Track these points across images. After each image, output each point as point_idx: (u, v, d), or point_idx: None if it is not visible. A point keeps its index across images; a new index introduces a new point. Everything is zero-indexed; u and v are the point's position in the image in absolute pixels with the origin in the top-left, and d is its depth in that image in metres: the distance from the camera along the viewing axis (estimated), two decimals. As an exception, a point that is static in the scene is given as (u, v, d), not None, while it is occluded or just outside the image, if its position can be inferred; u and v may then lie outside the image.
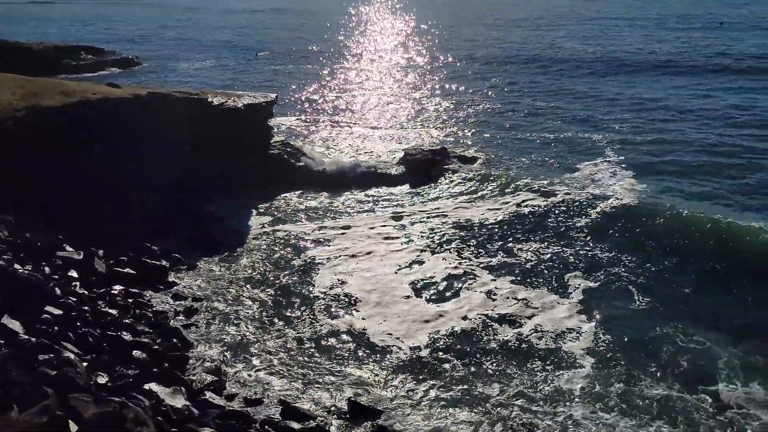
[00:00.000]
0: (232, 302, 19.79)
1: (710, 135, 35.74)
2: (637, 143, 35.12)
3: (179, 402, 13.46)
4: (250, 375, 16.07)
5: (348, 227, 26.02)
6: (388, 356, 17.17)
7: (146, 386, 13.63)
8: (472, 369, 16.56)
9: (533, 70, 60.82)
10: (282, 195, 29.77)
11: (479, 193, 29.23)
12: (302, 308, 19.67)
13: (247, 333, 18.02)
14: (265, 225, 26.41)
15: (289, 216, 27.43)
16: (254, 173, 30.19)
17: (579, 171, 31.33)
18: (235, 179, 29.10)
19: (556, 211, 26.29)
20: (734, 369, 16.01)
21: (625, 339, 17.63)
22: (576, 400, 15.13)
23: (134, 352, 15.26)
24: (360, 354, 17.29)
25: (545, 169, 31.84)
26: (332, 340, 17.94)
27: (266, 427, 13.65)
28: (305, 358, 16.93)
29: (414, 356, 17.13)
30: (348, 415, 14.44)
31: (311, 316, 19.19)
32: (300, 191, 30.28)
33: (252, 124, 30.40)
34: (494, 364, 16.72)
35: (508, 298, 20.12)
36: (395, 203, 28.72)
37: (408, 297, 20.40)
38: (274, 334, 18.04)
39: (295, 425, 13.54)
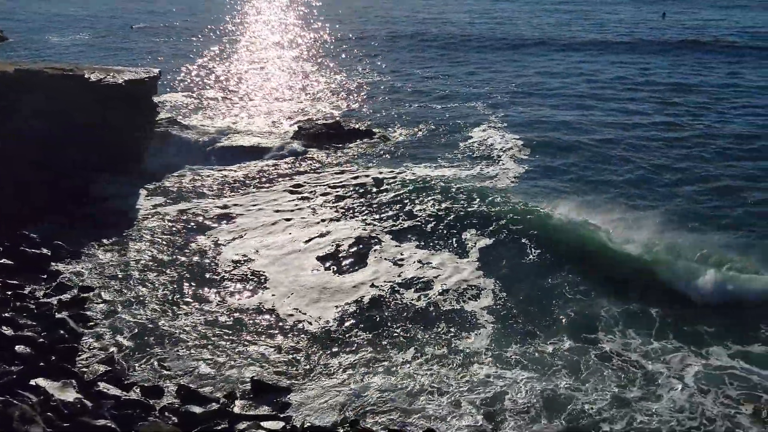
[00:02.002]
0: (126, 288, 18.90)
1: (590, 112, 37.77)
2: (519, 112, 36.53)
3: (70, 395, 12.77)
4: (148, 362, 15.48)
5: (246, 203, 25.43)
6: (297, 332, 17.07)
7: (33, 382, 12.87)
8: (383, 337, 16.82)
9: (423, 45, 61.42)
10: (172, 173, 28.64)
11: (375, 164, 29.36)
12: (206, 289, 19.11)
13: (144, 319, 17.29)
14: (157, 204, 25.33)
15: (182, 194, 26.43)
16: (140, 151, 28.85)
17: (468, 138, 32.17)
18: (120, 158, 27.68)
19: (449, 176, 26.89)
20: (615, 319, 17.19)
21: (520, 296, 18.54)
22: (481, 359, 15.72)
23: (17, 347, 14.33)
24: (268, 332, 17.07)
25: (436, 138, 32.46)
26: (239, 320, 17.58)
27: (166, 413, 13.25)
28: (209, 341, 16.50)
29: (324, 329, 17.14)
30: (251, 395, 14.26)
31: (217, 297, 18.70)
32: (191, 168, 29.25)
33: (135, 101, 28.90)
34: (403, 330, 17.06)
35: (413, 262, 20.51)
36: (293, 176, 28.33)
37: (315, 269, 20.33)
38: (175, 319, 17.43)
39: (197, 409, 13.20)
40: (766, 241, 20.42)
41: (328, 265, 20.59)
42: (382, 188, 26.22)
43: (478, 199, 24.40)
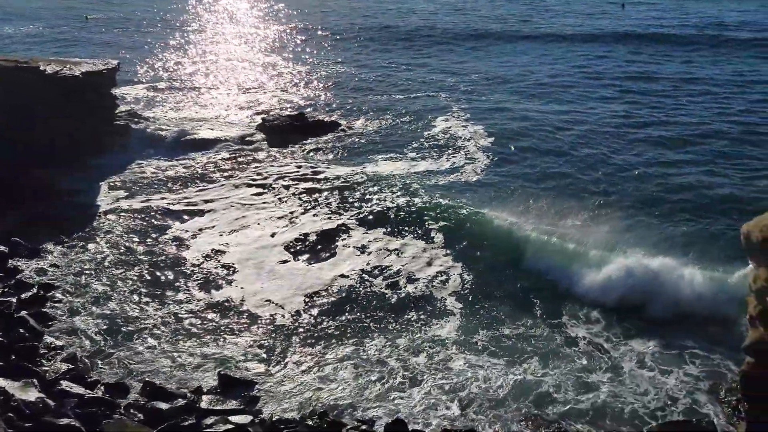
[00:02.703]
0: (89, 285, 18.55)
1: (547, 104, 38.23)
2: (481, 102, 36.72)
3: (32, 395, 12.46)
4: (113, 360, 15.25)
5: (211, 196, 25.13)
6: (267, 324, 17.00)
7: (-8, 382, 12.52)
8: (354, 327, 16.87)
9: (387, 37, 61.12)
10: (133, 166, 28.16)
11: (339, 156, 29.26)
12: (173, 284, 18.88)
13: (109, 316, 17.00)
14: (119, 198, 24.87)
15: (144, 187, 25.99)
16: (100, 145, 28.29)
17: (431, 129, 32.23)
18: (79, 152, 27.13)
19: (412, 169, 26.94)
20: (580, 304, 17.49)
21: (484, 279, 18.81)
22: (451, 347, 15.86)
23: (-26, 347, 13.94)
24: (237, 325, 16.97)
25: (400, 129, 32.43)
26: (208, 314, 17.43)
27: (132, 410, 13.04)
28: (176, 336, 16.33)
29: (294, 321, 17.11)
30: (219, 389, 14.13)
31: (185, 291, 18.47)
32: (153, 161, 28.81)
33: (93, 93, 28.27)
34: (374, 321, 17.14)
35: (380, 250, 20.57)
36: (257, 169, 28.04)
37: (285, 261, 20.23)
38: (141, 315, 17.18)
39: (163, 405, 13.03)
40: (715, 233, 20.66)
41: (296, 256, 20.52)
42: (346, 180, 26.13)
43: (440, 191, 24.49)
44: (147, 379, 14.29)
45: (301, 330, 16.79)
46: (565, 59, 47.79)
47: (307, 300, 18.09)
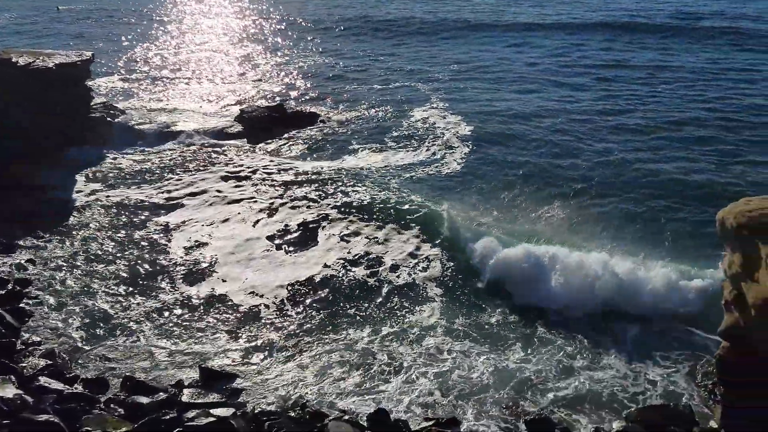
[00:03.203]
0: (67, 279, 18.31)
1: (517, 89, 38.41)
2: (459, 92, 36.77)
3: (9, 391, 12.30)
4: (92, 355, 15.09)
5: (190, 188, 24.90)
6: (250, 316, 16.96)
7: (-32, 380, 12.34)
8: (335, 317, 16.93)
9: (366, 28, 60.83)
10: (110, 159, 27.83)
11: (318, 147, 29.14)
12: (156, 278, 18.71)
13: (88, 311, 16.81)
14: (96, 191, 24.54)
15: (122, 180, 25.67)
16: (76, 138, 27.94)
17: (410, 119, 32.20)
18: (54, 145, 26.75)
19: (390, 159, 26.95)
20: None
21: (463, 267, 18.94)
22: (433, 334, 16.01)
23: (-51, 344, 13.72)
24: (220, 317, 16.88)
25: (378, 120, 32.38)
26: (190, 307, 17.32)
27: (112, 405, 12.93)
28: (157, 330, 16.20)
29: (277, 312, 17.08)
30: (200, 383, 14.06)
31: (168, 285, 18.32)
32: (130, 153, 28.47)
33: (67, 86, 27.82)
34: (357, 309, 17.21)
35: (361, 240, 20.60)
36: (236, 161, 27.85)
37: (267, 251, 20.18)
38: (121, 309, 17.00)
39: (144, 400, 12.93)
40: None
41: (278, 247, 20.47)
42: (326, 172, 26.07)
43: (419, 182, 24.61)
44: (127, 374, 14.18)
45: (284, 321, 16.77)
46: (543, 48, 48.00)
47: (290, 291, 18.06)
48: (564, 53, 45.86)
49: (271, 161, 27.77)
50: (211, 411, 12.57)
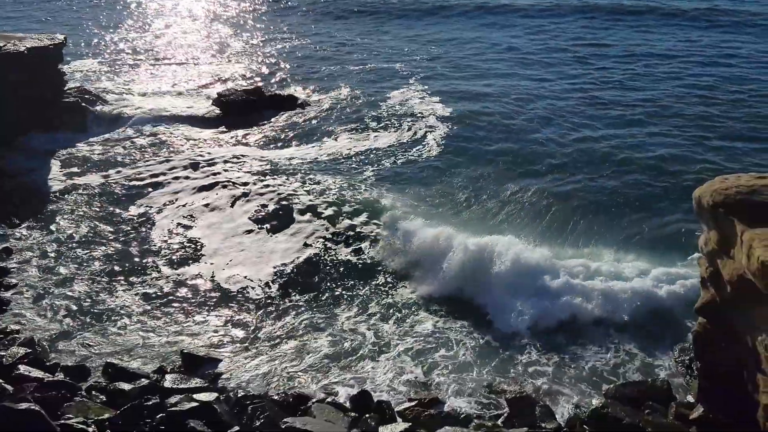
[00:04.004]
0: (45, 267, 18.09)
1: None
2: (438, 76, 36.60)
3: (-12, 381, 12.21)
4: (73, 342, 15.00)
5: (168, 171, 24.66)
6: (236, 299, 16.93)
7: (-55, 370, 12.21)
8: (319, 296, 17.04)
9: (343, 9, 60.19)
10: (85, 144, 27.43)
11: (296, 130, 28.98)
12: (136, 262, 18.56)
13: (68, 298, 16.67)
14: (73, 176, 24.21)
15: (97, 166, 25.29)
16: (50, 123, 27.51)
17: (388, 101, 32.10)
18: (27, 130, 26.35)
19: (372, 139, 26.99)
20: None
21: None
22: (418, 311, 16.32)
23: (-75, 334, 13.53)
24: (204, 301, 16.83)
25: (358, 103, 32.17)
26: (173, 291, 17.23)
27: (94, 392, 12.87)
28: (140, 316, 16.12)
29: (262, 294, 17.09)
30: (182, 368, 14.02)
31: (149, 270, 18.20)
32: (106, 138, 28.11)
33: (39, 70, 27.31)
34: (342, 288, 17.36)
35: (342, 217, 20.64)
36: (215, 146, 27.64)
37: (250, 231, 20.18)
38: (101, 296, 16.87)
39: (126, 386, 12.88)
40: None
41: (261, 227, 20.43)
42: (304, 155, 26.00)
43: (398, 165, 24.69)
44: (108, 360, 14.10)
45: (268, 303, 16.79)
46: (523, 28, 47.91)
47: (276, 271, 18.08)
48: (545, 35, 45.75)
49: (250, 145, 27.61)
50: (194, 396, 12.55)
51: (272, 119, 30.45)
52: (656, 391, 12.62)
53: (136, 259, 18.81)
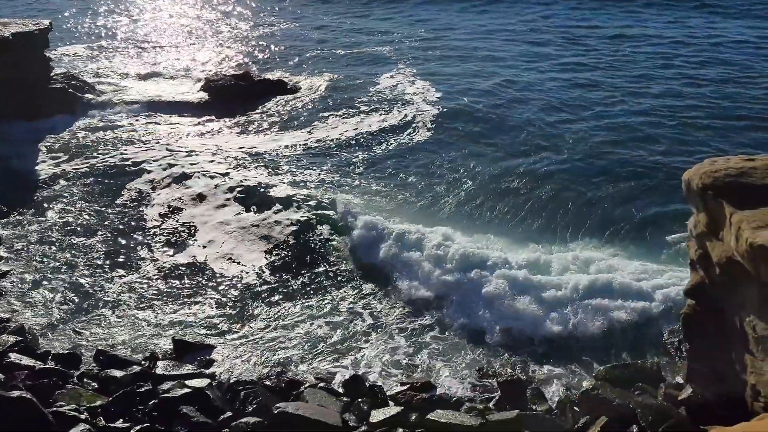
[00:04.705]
0: (35, 256, 17.94)
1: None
2: (427, 54, 36.62)
3: (-22, 370, 12.15)
4: (64, 330, 14.94)
5: (156, 156, 24.51)
6: (228, 284, 16.91)
7: (-66, 359, 12.14)
8: (312, 278, 17.10)
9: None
10: (71, 130, 27.23)
11: (285, 115, 28.88)
12: (133, 251, 18.46)
13: (59, 286, 16.57)
14: (60, 163, 24.01)
15: (86, 152, 25.07)
16: (36, 109, 27.31)
17: (377, 85, 32.02)
18: (12, 117, 26.07)
19: (361, 123, 26.92)
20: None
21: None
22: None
23: None
24: (196, 286, 16.80)
25: (346, 87, 32.09)
26: (165, 277, 17.19)
27: (85, 380, 12.84)
28: (131, 303, 16.05)
29: (256, 278, 17.08)
30: (174, 355, 14.01)
31: (144, 258, 18.11)
32: (93, 125, 27.91)
33: (25, 56, 26.98)
34: (334, 273, 17.36)
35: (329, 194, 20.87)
36: (201, 129, 27.54)
37: (239, 215, 20.19)
38: (92, 284, 16.76)
39: (117, 373, 12.85)
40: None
41: (248, 213, 20.39)
42: (291, 140, 25.94)
43: (387, 147, 24.76)
44: (99, 347, 14.06)
45: (261, 287, 16.78)
46: (512, 10, 47.75)
47: (265, 257, 18.06)
48: (534, 18, 45.71)
49: (238, 131, 27.49)
50: (186, 382, 12.55)
51: (261, 104, 30.29)
52: (646, 372, 12.71)
53: (126, 247, 18.70)
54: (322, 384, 12.84)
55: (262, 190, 21.63)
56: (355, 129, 26.70)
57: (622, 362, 13.48)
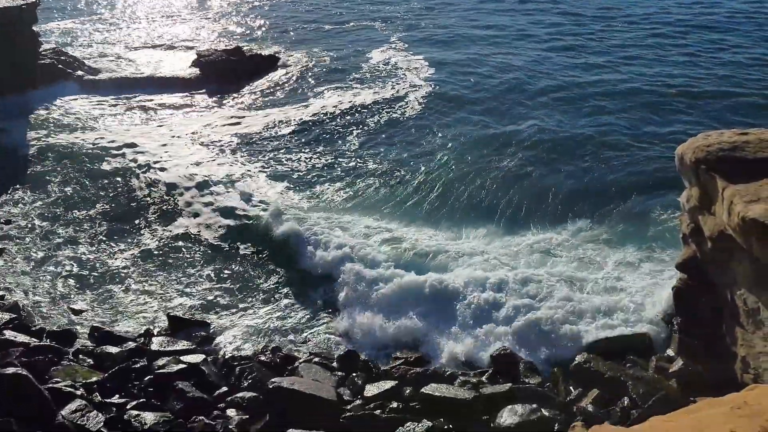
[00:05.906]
0: (30, 232, 17.89)
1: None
2: (419, 31, 36.40)
3: (-27, 347, 12.16)
4: (58, 307, 14.93)
5: (147, 132, 24.50)
6: (224, 261, 16.86)
7: (-71, 336, 12.13)
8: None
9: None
10: (59, 104, 27.02)
11: (276, 91, 28.73)
12: (126, 227, 18.39)
13: (52, 262, 16.60)
14: (49, 138, 23.86)
15: (77, 127, 24.97)
16: (24, 83, 27.12)
17: (369, 60, 31.82)
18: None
19: (354, 97, 26.69)
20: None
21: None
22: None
23: None
24: (195, 264, 16.75)
25: (337, 61, 31.92)
26: (162, 255, 17.13)
27: (81, 356, 12.87)
28: (127, 280, 16.03)
29: (250, 256, 17.08)
30: (169, 331, 14.04)
31: (138, 234, 18.08)
32: (82, 100, 27.71)
33: (12, 32, 26.60)
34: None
35: (324, 168, 21.03)
36: (192, 105, 27.33)
37: (230, 191, 20.10)
38: (88, 260, 16.73)
39: (113, 349, 12.89)
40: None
41: (246, 187, 20.30)
42: (284, 116, 25.78)
43: (380, 122, 24.63)
44: (94, 324, 14.08)
45: (254, 264, 16.79)
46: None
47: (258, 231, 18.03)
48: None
49: (230, 106, 27.30)
50: (182, 358, 12.61)
51: (253, 80, 30.05)
52: (637, 345, 12.83)
53: (119, 223, 18.62)
54: (316, 359, 12.90)
55: (253, 165, 21.58)
56: (345, 104, 26.50)
57: (614, 335, 13.55)
